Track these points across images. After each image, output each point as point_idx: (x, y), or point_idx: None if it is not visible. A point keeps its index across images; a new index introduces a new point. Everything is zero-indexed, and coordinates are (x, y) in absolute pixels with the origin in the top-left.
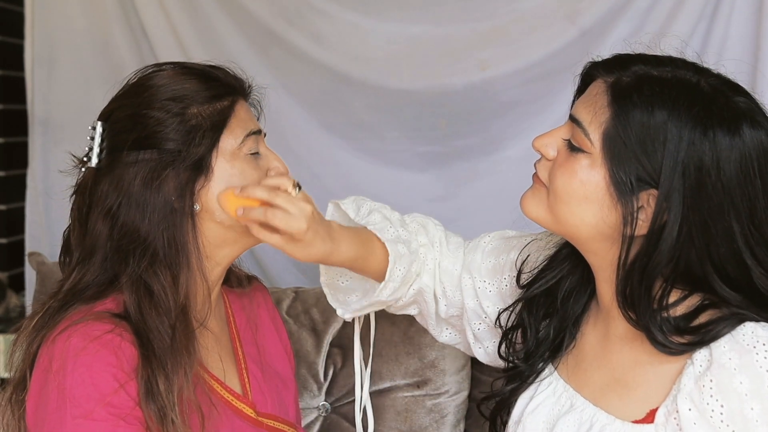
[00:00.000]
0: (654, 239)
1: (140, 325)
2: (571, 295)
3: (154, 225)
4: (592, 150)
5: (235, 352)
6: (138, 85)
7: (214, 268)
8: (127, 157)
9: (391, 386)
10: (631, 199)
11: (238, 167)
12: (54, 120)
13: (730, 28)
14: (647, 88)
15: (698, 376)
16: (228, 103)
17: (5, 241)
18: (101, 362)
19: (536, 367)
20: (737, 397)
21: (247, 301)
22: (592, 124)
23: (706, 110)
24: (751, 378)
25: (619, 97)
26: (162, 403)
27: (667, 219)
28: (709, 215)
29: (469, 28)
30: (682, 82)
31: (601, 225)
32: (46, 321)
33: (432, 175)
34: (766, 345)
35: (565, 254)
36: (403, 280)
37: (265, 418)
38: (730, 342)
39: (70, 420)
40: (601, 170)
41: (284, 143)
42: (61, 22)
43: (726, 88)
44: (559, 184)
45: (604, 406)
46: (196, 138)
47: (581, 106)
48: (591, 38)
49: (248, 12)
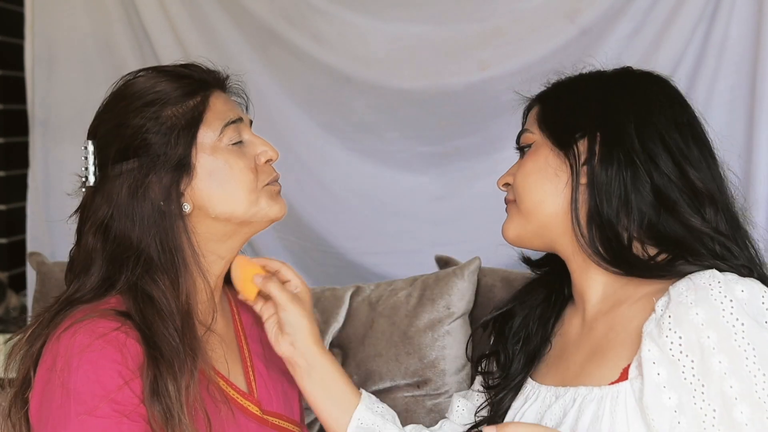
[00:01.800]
0: (596, 174)
1: (146, 329)
2: (537, 318)
3: (145, 232)
4: (535, 137)
5: (241, 350)
6: (115, 96)
7: (218, 263)
8: (113, 170)
9: (391, 386)
10: (572, 148)
11: (221, 159)
12: (54, 120)
13: (730, 29)
14: (565, 80)
15: (658, 318)
16: (201, 98)
17: (5, 241)
18: (106, 359)
19: (514, 381)
20: (693, 328)
21: None
22: (530, 124)
23: (617, 77)
24: (706, 309)
25: (543, 94)
26: (169, 403)
27: (604, 155)
28: (634, 145)
29: (469, 28)
30: (591, 75)
31: (560, 187)
32: (41, 330)
33: (432, 175)
34: (722, 283)
35: (525, 290)
36: (384, 417)
37: (270, 416)
38: (687, 283)
39: (74, 417)
40: (544, 144)
41: (284, 143)
42: (61, 22)
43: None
44: (519, 181)
45: (584, 381)
46: (172, 139)
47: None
48: (591, 38)
49: (248, 12)
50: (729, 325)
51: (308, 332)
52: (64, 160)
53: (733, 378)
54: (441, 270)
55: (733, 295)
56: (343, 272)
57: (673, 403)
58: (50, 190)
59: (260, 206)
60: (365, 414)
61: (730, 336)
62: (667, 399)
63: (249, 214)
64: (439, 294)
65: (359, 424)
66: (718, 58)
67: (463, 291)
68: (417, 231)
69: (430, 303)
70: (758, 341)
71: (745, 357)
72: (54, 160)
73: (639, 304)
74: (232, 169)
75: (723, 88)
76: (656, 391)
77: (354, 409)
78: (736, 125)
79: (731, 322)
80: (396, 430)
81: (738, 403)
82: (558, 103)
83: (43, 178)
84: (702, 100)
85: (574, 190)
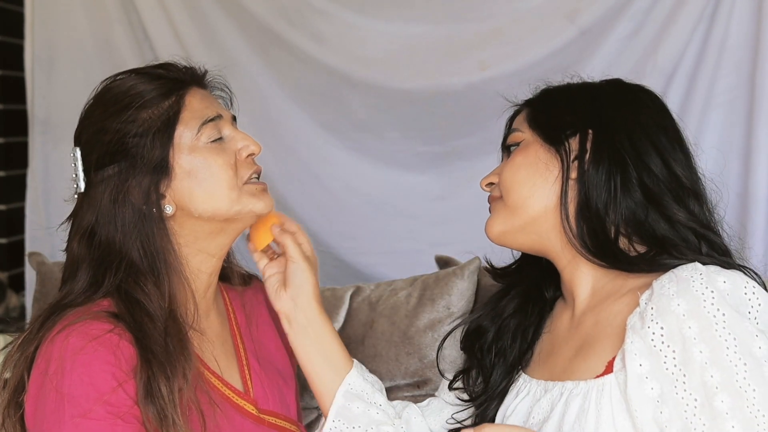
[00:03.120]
0: (586, 170)
1: (136, 330)
2: (513, 328)
3: (127, 236)
4: (524, 135)
5: (236, 348)
6: (95, 101)
7: (208, 260)
8: (96, 176)
9: (391, 386)
10: (563, 144)
11: (199, 157)
12: (54, 120)
13: (730, 28)
14: (552, 87)
15: (642, 311)
16: (176, 97)
17: (5, 241)
18: (99, 361)
19: (498, 390)
20: (675, 318)
21: (247, 299)
22: (516, 124)
23: (607, 83)
24: (688, 300)
25: (531, 99)
26: (163, 404)
27: (594, 152)
28: (621, 141)
29: (469, 28)
30: (580, 83)
31: (550, 181)
32: (34, 334)
33: (432, 175)
34: (703, 275)
35: (496, 298)
36: (374, 385)
37: (266, 414)
38: (670, 276)
39: (69, 420)
40: (534, 141)
41: (284, 143)
42: (61, 22)
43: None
44: (507, 177)
45: (571, 376)
46: (149, 141)
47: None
48: (591, 38)
49: (248, 12)
50: (710, 316)
51: (313, 289)
52: (64, 160)
53: (714, 368)
54: (441, 270)
55: (714, 287)
56: (343, 272)
57: (656, 393)
58: (49, 190)
59: (243, 204)
60: (357, 380)
61: (711, 326)
62: (649, 389)
63: (233, 212)
64: (439, 294)
65: (349, 388)
66: (718, 58)
67: (463, 291)
68: (417, 231)
69: (430, 303)
70: (739, 331)
71: (726, 347)
72: (53, 160)
73: (625, 298)
74: (211, 167)
75: (723, 88)
76: (639, 382)
77: (346, 373)
78: (735, 125)
79: (712, 312)
80: (384, 400)
81: (719, 393)
82: (548, 104)
83: (43, 178)
84: (702, 99)
85: (564, 184)
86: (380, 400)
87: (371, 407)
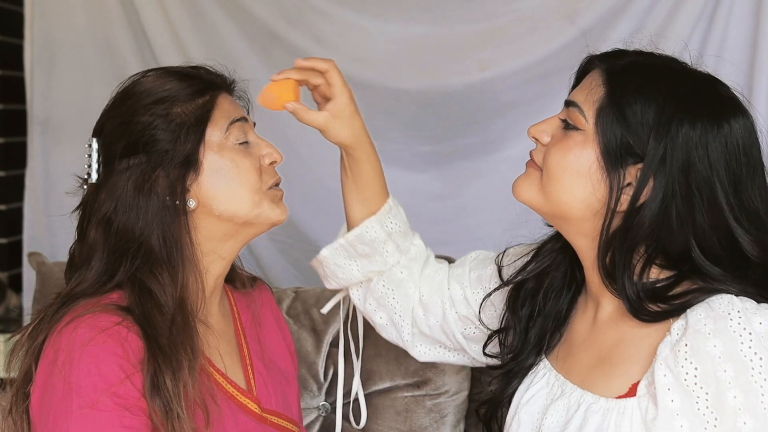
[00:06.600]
0: (636, 210)
1: (145, 322)
2: (554, 292)
3: (148, 225)
4: (586, 126)
5: (240, 348)
6: (123, 94)
7: (218, 262)
8: (119, 165)
9: (391, 386)
10: (619, 172)
11: (227, 157)
12: (54, 120)
13: (729, 28)
14: (640, 70)
15: (674, 343)
16: (209, 97)
17: (5, 241)
18: (108, 353)
19: (525, 364)
20: (710, 360)
21: (251, 301)
22: (586, 102)
23: (695, 95)
24: (725, 341)
25: (613, 77)
26: (168, 397)
27: (651, 191)
28: (697, 188)
29: (469, 28)
30: (673, 69)
31: (592, 200)
32: (43, 325)
33: (432, 175)
34: (741, 313)
35: (548, 249)
36: (390, 236)
37: (269, 414)
38: (706, 310)
39: (76, 410)
40: (593, 146)
41: (284, 143)
42: (61, 21)
43: (711, 78)
44: (553, 162)
45: (590, 387)
46: (182, 135)
47: (577, 91)
48: (591, 38)
49: (249, 12)
50: (747, 360)
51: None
52: (63, 160)
53: (747, 414)
54: None
55: (752, 328)
56: None
57: (685, 431)
58: (49, 190)
59: (263, 208)
60: (374, 226)
61: (747, 371)
62: (678, 426)
63: (252, 215)
64: None
65: (364, 231)
66: (717, 58)
67: None
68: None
69: None
70: None
71: (761, 393)
72: (53, 160)
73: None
74: (239, 168)
75: None
76: (669, 417)
77: (374, 212)
78: None
79: (749, 356)
80: (394, 250)
81: None
82: (625, 101)
83: (42, 178)
84: None
85: (610, 210)
86: (389, 249)
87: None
